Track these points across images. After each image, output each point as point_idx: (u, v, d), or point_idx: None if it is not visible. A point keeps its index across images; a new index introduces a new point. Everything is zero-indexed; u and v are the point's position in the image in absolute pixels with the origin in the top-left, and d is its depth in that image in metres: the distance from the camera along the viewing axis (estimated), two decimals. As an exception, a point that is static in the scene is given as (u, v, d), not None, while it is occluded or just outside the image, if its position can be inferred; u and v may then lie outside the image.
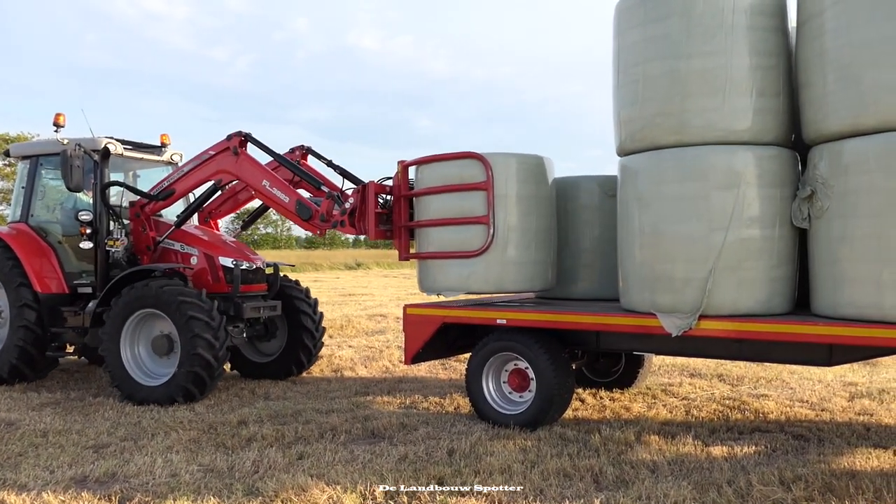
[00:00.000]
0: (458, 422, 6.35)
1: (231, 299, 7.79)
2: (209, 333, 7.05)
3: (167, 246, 8.16)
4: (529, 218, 6.36)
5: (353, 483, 4.71)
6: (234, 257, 7.98)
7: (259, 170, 7.63)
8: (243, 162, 7.66)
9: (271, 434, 5.98)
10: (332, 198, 7.19)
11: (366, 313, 15.44)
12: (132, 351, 7.53)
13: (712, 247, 5.12)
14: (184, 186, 8.09)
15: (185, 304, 7.09)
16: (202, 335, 7.02)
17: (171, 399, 7.13)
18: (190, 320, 7.04)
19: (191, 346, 7.03)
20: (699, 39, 5.12)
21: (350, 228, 7.05)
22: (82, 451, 5.59)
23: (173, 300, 7.13)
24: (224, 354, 7.25)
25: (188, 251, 8.06)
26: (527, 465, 5.05)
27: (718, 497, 4.39)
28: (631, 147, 5.63)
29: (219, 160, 7.79)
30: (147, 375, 7.46)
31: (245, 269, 7.95)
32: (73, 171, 7.58)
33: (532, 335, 6.09)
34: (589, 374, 7.73)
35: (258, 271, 8.21)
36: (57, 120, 8.30)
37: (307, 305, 8.59)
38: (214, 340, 7.07)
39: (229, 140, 7.72)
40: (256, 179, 7.62)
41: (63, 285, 8.18)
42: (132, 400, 7.30)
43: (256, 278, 8.19)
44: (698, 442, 5.64)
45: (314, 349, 8.62)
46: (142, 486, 4.75)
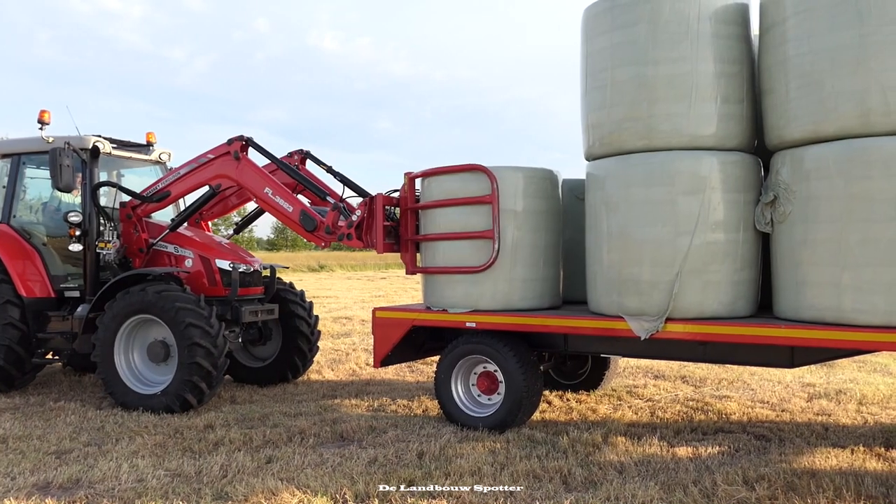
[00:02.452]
0: (426, 424, 6.36)
1: (229, 303, 7.57)
2: (208, 341, 6.80)
3: (160, 248, 7.90)
4: (538, 234, 6.18)
5: (323, 486, 4.69)
6: (230, 259, 7.75)
7: (261, 176, 7.40)
8: (245, 168, 7.44)
9: (239, 438, 5.92)
10: (338, 209, 7.04)
11: (331, 316, 15.36)
12: (126, 357, 7.27)
13: (678, 250, 5.22)
14: (179, 190, 7.83)
15: (182, 311, 6.83)
16: (201, 343, 6.77)
17: (167, 408, 6.88)
18: (188, 327, 6.79)
19: (189, 355, 6.78)
20: (665, 46, 5.22)
21: (357, 242, 6.88)
22: (44, 457, 5.47)
23: (171, 306, 6.86)
24: (223, 363, 7.01)
25: (183, 253, 7.81)
26: (496, 467, 5.08)
27: (685, 497, 4.48)
28: (599, 151, 5.71)
29: (219, 164, 7.55)
30: (142, 383, 7.22)
31: (242, 272, 7.73)
32: (62, 171, 7.30)
33: (501, 338, 6.13)
34: (556, 376, 7.80)
35: (255, 274, 8.01)
36: (42, 117, 7.93)
37: (303, 309, 8.41)
38: (213, 348, 6.82)
39: (230, 144, 7.49)
40: (258, 187, 7.38)
41: (48, 289, 7.85)
42: (126, 408, 7.06)
43: (253, 281, 7.99)
44: (664, 443, 5.73)
45: (310, 354, 8.48)
46: (107, 492, 4.67)
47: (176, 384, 6.84)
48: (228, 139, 7.54)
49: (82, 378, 8.90)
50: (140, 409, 6.95)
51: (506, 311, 6.10)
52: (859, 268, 4.69)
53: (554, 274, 6.38)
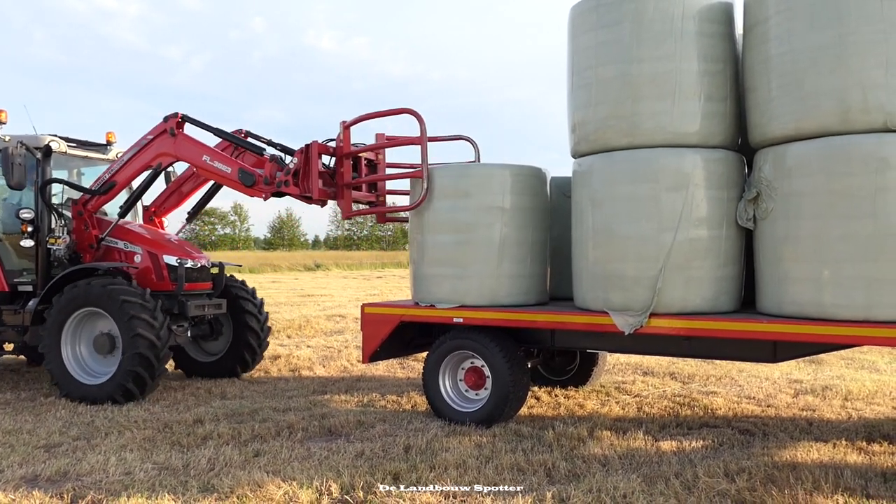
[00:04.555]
0: (414, 419, 6.41)
1: (175, 297, 7.78)
2: (151, 332, 7.04)
3: (111, 244, 8.11)
4: (525, 230, 6.24)
5: (308, 479, 4.74)
6: (178, 255, 7.96)
7: (198, 146, 7.64)
8: (181, 141, 7.68)
9: (227, 432, 5.97)
10: (275, 160, 7.28)
11: (324, 314, 15.39)
12: (73, 349, 7.49)
13: (662, 246, 5.28)
14: (124, 176, 8.04)
15: (127, 304, 7.06)
16: (144, 334, 7.00)
17: (111, 398, 7.09)
18: (132, 319, 7.02)
19: (133, 346, 7.01)
20: (650, 44, 5.28)
21: (294, 188, 7.16)
22: (33, 451, 5.51)
23: (116, 299, 7.09)
24: (166, 354, 7.27)
25: (132, 249, 8.03)
26: (481, 461, 5.13)
27: (666, 489, 4.53)
28: (584, 149, 5.77)
29: (157, 144, 7.80)
30: (88, 374, 7.42)
31: (189, 268, 7.96)
32: (14, 169, 7.49)
33: (488, 334, 6.18)
34: (544, 372, 7.86)
35: (203, 270, 8.26)
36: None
37: (252, 305, 8.63)
38: (157, 340, 7.06)
39: (166, 122, 7.73)
40: (197, 156, 7.63)
41: (3, 283, 8.01)
42: (71, 398, 7.27)
43: (201, 277, 8.23)
44: (649, 437, 5.79)
45: (259, 349, 8.67)
46: (95, 485, 4.72)
47: (120, 375, 7.07)
48: (164, 117, 7.79)
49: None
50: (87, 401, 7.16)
51: (492, 306, 6.15)
52: (839, 263, 4.75)
53: (541, 270, 6.43)
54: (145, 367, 7.05)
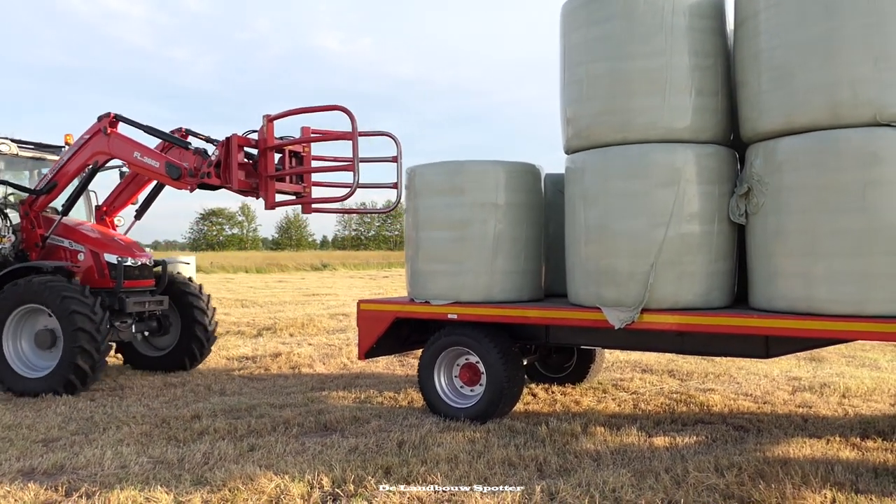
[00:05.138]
0: (410, 415, 6.44)
1: (115, 294, 8.06)
2: (91, 327, 7.31)
3: (57, 243, 8.39)
4: (519, 227, 6.26)
5: (301, 473, 4.77)
6: (119, 254, 8.25)
7: (129, 144, 7.96)
8: (114, 140, 8.00)
9: (224, 427, 6.01)
10: (199, 152, 7.63)
11: (328, 312, 15.44)
12: (15, 344, 7.75)
13: (654, 242, 5.28)
14: (65, 176, 8.32)
15: (67, 299, 7.32)
16: (84, 328, 7.27)
17: (52, 390, 7.35)
18: (72, 314, 7.27)
19: (73, 340, 7.26)
20: (640, 40, 5.29)
21: (216, 179, 7.48)
22: (31, 445, 5.57)
23: (56, 296, 7.36)
24: (106, 347, 7.56)
25: (76, 248, 8.33)
26: (473, 455, 5.15)
27: (655, 483, 4.54)
28: (577, 145, 5.78)
29: (92, 143, 8.11)
30: (29, 368, 7.67)
31: (130, 266, 8.25)
32: None
33: (482, 330, 6.20)
34: (541, 369, 7.88)
35: (144, 267, 8.54)
36: None
37: (200, 302, 8.96)
38: (96, 333, 7.34)
39: (100, 122, 8.03)
40: (128, 153, 7.95)
41: None
42: (13, 391, 7.53)
43: (143, 274, 8.52)
44: (642, 433, 5.80)
45: (206, 343, 8.99)
46: (90, 478, 4.77)
47: (62, 368, 7.35)
48: (98, 116, 8.09)
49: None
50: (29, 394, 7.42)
51: (487, 303, 6.17)
52: (830, 258, 4.74)
53: (535, 267, 6.45)
54: (86, 360, 7.32)
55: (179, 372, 8.90)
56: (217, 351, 10.56)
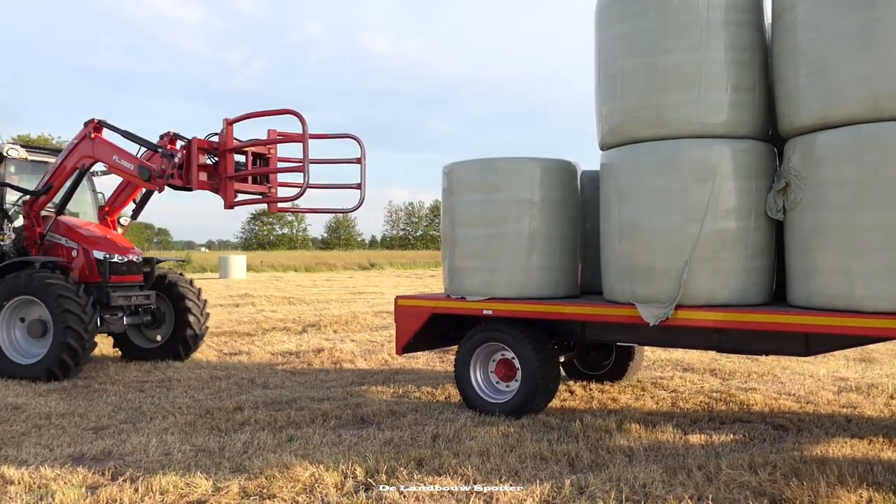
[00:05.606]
0: (446, 410, 6.51)
1: (102, 288, 8.63)
2: (78, 317, 7.93)
3: (56, 240, 9.03)
4: (554, 224, 6.27)
5: (335, 463, 4.89)
6: (107, 251, 8.83)
7: (110, 147, 8.56)
8: (97, 144, 8.60)
9: (264, 419, 6.18)
10: (165, 155, 8.15)
11: (372, 310, 15.63)
12: (9, 333, 8.42)
13: (688, 238, 5.25)
14: (59, 178, 8.92)
15: (56, 291, 7.99)
16: (72, 318, 7.90)
17: (45, 375, 7.96)
18: (60, 305, 7.92)
19: (62, 329, 7.91)
20: (675, 35, 5.26)
21: (178, 180, 8.07)
22: (82, 432, 5.83)
23: (46, 288, 8.03)
24: (92, 337, 8.16)
25: (70, 245, 8.94)
26: (505, 449, 5.20)
27: (686, 479, 4.52)
28: (611, 141, 5.77)
29: (80, 147, 8.70)
30: (21, 355, 8.33)
31: (117, 262, 8.83)
32: None
33: (518, 326, 6.23)
34: (580, 366, 7.87)
35: (132, 264, 9.09)
36: None
37: (191, 295, 9.51)
38: (83, 323, 7.96)
39: (86, 127, 8.63)
40: (109, 156, 8.57)
41: None
42: (6, 376, 8.17)
43: (130, 270, 9.07)
44: (678, 431, 5.76)
45: (198, 336, 9.55)
46: (135, 463, 4.97)
47: (50, 356, 7.98)
48: (84, 122, 8.68)
49: (128, 364, 9.34)
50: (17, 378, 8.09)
51: (522, 299, 6.20)
52: (869, 254, 4.65)
53: (571, 263, 6.45)
54: (73, 350, 7.94)
55: (221, 367, 9.15)
56: (262, 346, 10.82)
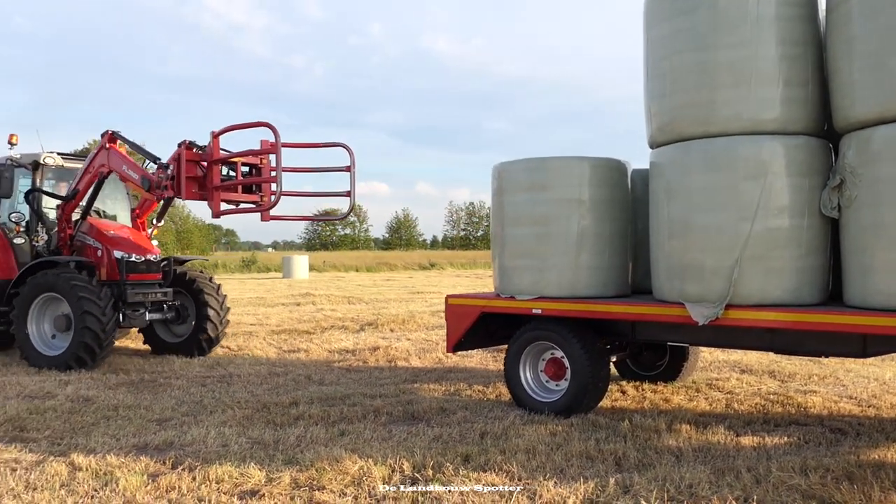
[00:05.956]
0: (496, 408, 6.57)
1: (121, 286, 9.20)
2: (97, 311, 8.56)
3: (85, 241, 9.64)
4: (604, 223, 6.25)
5: (384, 457, 5.00)
6: (125, 251, 9.41)
7: (121, 158, 9.21)
8: (111, 154, 9.27)
9: (318, 413, 6.36)
10: (162, 167, 8.74)
11: (430, 309, 15.78)
12: (38, 327, 9.13)
13: (739, 236, 5.17)
14: (83, 185, 9.58)
15: (76, 288, 8.63)
16: (91, 313, 8.51)
17: (66, 365, 8.60)
18: (81, 300, 8.53)
19: (82, 322, 8.53)
20: (725, 31, 5.18)
21: (171, 191, 8.63)
22: (147, 424, 6.11)
23: (68, 285, 8.68)
24: (111, 329, 8.73)
25: (95, 245, 9.54)
26: (552, 447, 5.22)
27: (734, 481, 4.47)
28: (660, 139, 5.73)
29: (99, 157, 9.37)
30: (48, 347, 9.04)
31: (134, 261, 9.38)
32: (1, 181, 9.42)
33: (567, 325, 6.24)
34: (633, 366, 7.81)
35: (149, 263, 9.62)
36: (10, 140, 10.15)
37: (212, 293, 9.99)
38: (102, 317, 8.57)
39: (102, 138, 9.36)
40: (119, 166, 9.20)
41: (14, 272, 9.54)
42: (34, 366, 8.85)
43: (149, 269, 9.62)
44: (730, 432, 5.68)
45: (218, 330, 10.01)
46: (193, 453, 5.19)
47: (72, 347, 8.63)
48: (101, 133, 9.37)
49: (191, 360, 9.70)
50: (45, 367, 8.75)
51: (571, 298, 6.21)
52: (929, 252, 4.51)
53: (621, 263, 6.42)
54: (93, 340, 8.55)
55: (279, 364, 9.41)
56: (320, 344, 11.07)
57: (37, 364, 8.87)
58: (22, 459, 5.12)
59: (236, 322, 14.04)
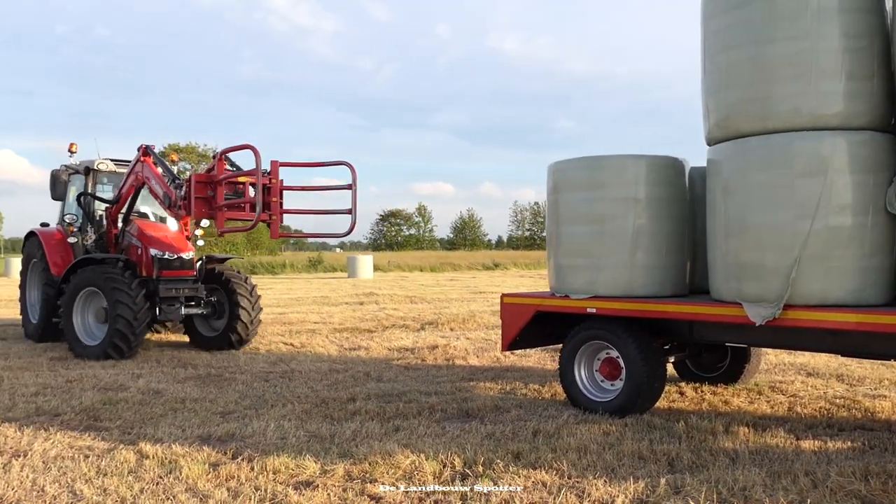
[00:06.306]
0: (550, 407, 6.57)
1: (155, 281, 9.96)
2: (129, 304, 9.31)
3: (130, 240, 10.48)
4: (660, 221, 6.19)
5: (435, 452, 5.08)
6: (160, 249, 10.09)
7: (151, 172, 9.86)
8: (144, 167, 10.00)
9: (374, 409, 6.49)
10: (179, 186, 9.30)
11: (491, 309, 15.81)
12: (82, 318, 9.93)
13: (798, 235, 5.05)
14: (125, 191, 10.48)
15: (110, 283, 9.43)
16: (123, 308, 9.28)
17: (105, 354, 9.36)
18: (114, 293, 9.34)
19: (115, 314, 9.30)
20: (783, 23, 5.07)
21: (183, 210, 9.24)
22: (211, 416, 6.35)
23: (103, 280, 9.51)
24: (142, 320, 9.46)
25: (136, 244, 10.34)
26: (604, 446, 5.20)
27: (790, 484, 4.37)
28: (717, 136, 5.63)
29: (137, 168, 10.16)
30: (90, 337, 9.81)
31: (167, 259, 10.01)
32: (56, 186, 10.64)
33: (622, 324, 6.20)
34: (693, 368, 7.68)
35: (182, 260, 10.25)
36: (70, 148, 11.22)
37: (244, 290, 10.56)
38: (132, 312, 9.31)
39: (138, 151, 10.15)
40: (149, 180, 9.89)
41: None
42: (78, 356, 9.57)
43: (183, 266, 10.25)
44: (790, 436, 5.54)
45: (249, 328, 10.54)
46: (253, 445, 5.38)
47: (108, 338, 9.39)
48: (137, 147, 10.18)
49: (256, 356, 10.00)
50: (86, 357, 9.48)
51: (626, 297, 6.16)
52: None
53: (678, 262, 6.33)
54: (126, 329, 9.29)
55: (340, 361, 9.61)
56: (381, 342, 11.24)
57: (78, 353, 9.62)
58: (95, 447, 5.40)
59: (300, 320, 14.39)
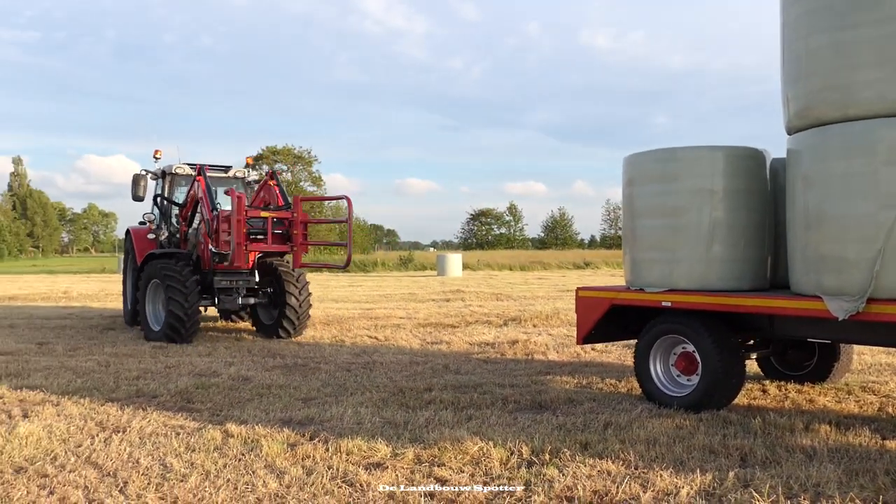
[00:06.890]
0: (624, 401, 6.53)
1: (209, 274, 11.18)
2: (181, 296, 10.49)
3: (198, 238, 11.46)
4: (738, 213, 6.05)
5: (504, 441, 5.17)
6: (214, 245, 10.70)
7: (202, 192, 10.93)
8: (197, 187, 11.17)
9: (449, 399, 6.63)
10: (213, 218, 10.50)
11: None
12: (153, 306, 11.26)
13: (881, 226, 4.84)
14: (191, 196, 11.61)
15: (166, 275, 10.64)
16: (175, 297, 10.49)
17: (166, 337, 10.61)
18: (168, 286, 10.54)
19: (168, 304, 10.55)
20: (866, 7, 4.87)
21: (207, 238, 10.79)
22: (293, 401, 6.66)
23: (161, 273, 10.73)
24: (192, 309, 10.58)
25: (200, 240, 11.39)
26: (674, 439, 5.16)
27: (867, 482, 4.22)
28: (797, 125, 5.46)
29: (195, 185, 11.30)
30: (157, 323, 11.10)
31: (224, 254, 10.50)
32: (137, 188, 12.04)
33: (698, 318, 6.09)
34: (778, 365, 7.45)
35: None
36: (155, 154, 12.58)
37: (294, 286, 11.39)
38: (185, 300, 10.48)
39: (193, 170, 11.68)
40: (199, 199, 11.05)
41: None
42: (148, 340, 10.94)
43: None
44: (875, 435, 5.32)
45: (297, 319, 11.42)
46: (330, 429, 5.63)
47: (165, 323, 10.68)
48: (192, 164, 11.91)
49: (340, 347, 10.35)
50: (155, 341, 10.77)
51: (702, 290, 6.06)
52: None
53: (757, 255, 6.17)
54: (178, 319, 10.48)
55: (420, 353, 9.81)
56: (463, 337, 11.39)
57: (148, 336, 11.03)
58: (186, 426, 5.79)
59: (386, 315, 14.73)
